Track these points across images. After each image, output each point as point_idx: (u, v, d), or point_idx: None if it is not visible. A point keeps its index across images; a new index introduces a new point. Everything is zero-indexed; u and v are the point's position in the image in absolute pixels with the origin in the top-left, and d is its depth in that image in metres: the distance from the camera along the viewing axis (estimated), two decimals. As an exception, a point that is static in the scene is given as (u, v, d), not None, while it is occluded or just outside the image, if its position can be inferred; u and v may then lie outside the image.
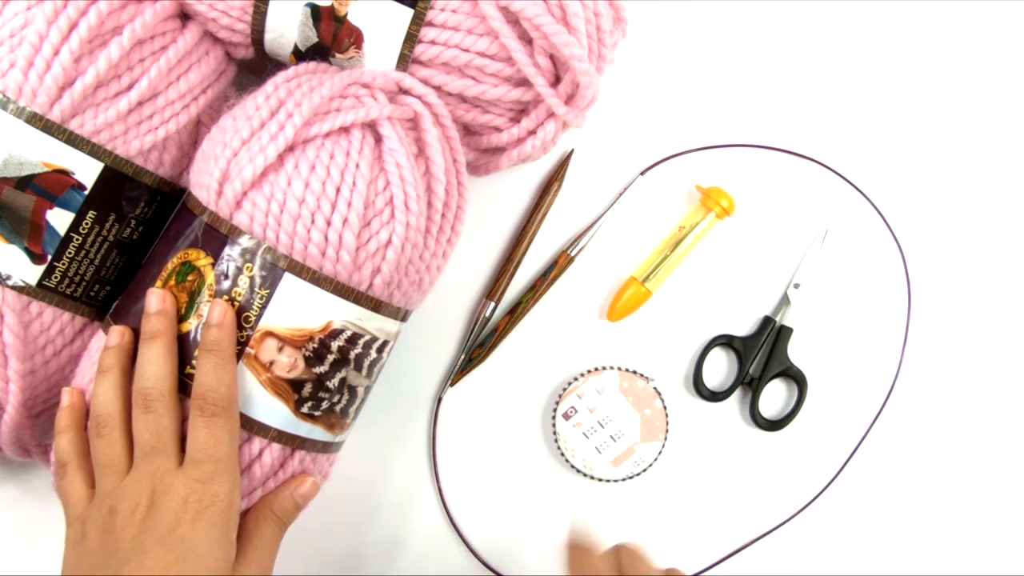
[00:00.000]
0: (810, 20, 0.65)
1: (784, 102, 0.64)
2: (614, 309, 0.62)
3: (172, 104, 0.52)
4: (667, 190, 0.64)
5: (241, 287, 0.47)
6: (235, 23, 0.52)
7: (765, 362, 0.63)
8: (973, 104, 0.65)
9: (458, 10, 0.50)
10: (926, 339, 0.64)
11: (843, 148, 0.64)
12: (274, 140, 0.47)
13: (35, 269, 0.50)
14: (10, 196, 0.48)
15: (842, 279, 0.64)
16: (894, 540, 0.64)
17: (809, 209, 0.64)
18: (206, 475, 0.45)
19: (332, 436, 0.52)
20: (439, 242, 0.52)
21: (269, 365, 0.48)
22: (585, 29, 0.50)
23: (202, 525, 0.45)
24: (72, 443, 0.49)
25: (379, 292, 0.49)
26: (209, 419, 0.46)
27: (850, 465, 0.64)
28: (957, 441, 0.65)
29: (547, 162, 0.63)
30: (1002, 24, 0.65)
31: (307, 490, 0.50)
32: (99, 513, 0.46)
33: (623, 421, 0.61)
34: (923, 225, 0.65)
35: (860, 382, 0.64)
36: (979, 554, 0.64)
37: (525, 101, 0.53)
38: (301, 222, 0.47)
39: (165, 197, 0.54)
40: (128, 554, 0.44)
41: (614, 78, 0.62)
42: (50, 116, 0.48)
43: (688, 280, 0.63)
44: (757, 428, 0.63)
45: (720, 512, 0.63)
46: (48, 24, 0.47)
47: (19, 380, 0.50)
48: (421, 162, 0.50)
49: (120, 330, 0.49)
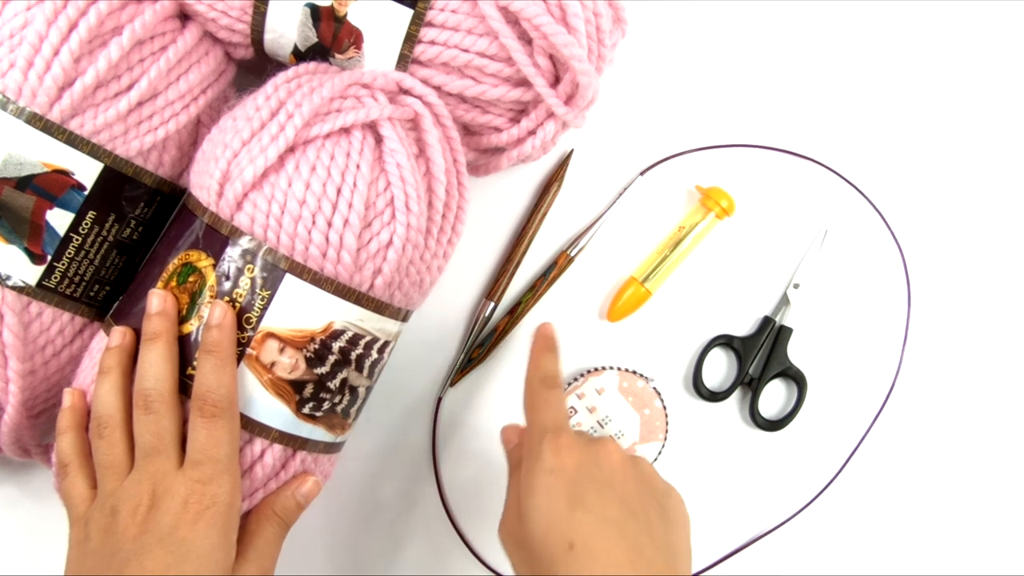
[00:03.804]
0: (810, 20, 0.65)
1: (784, 102, 0.64)
2: (614, 309, 0.63)
3: (172, 104, 0.52)
4: (667, 190, 0.64)
5: (242, 288, 0.47)
6: (235, 23, 0.52)
7: (765, 362, 0.63)
8: (973, 104, 0.65)
9: (458, 10, 0.50)
10: (926, 339, 0.64)
11: (843, 148, 0.64)
12: (274, 141, 0.47)
13: (35, 269, 0.50)
14: (10, 196, 0.48)
15: (842, 279, 0.64)
16: (894, 540, 0.64)
17: (809, 209, 0.64)
18: (206, 476, 0.45)
19: (333, 436, 0.52)
20: (440, 242, 0.52)
21: (270, 366, 0.48)
22: (585, 29, 0.50)
23: (202, 526, 0.45)
24: (73, 444, 0.49)
25: (380, 293, 0.49)
26: (209, 420, 0.46)
27: (850, 465, 0.64)
28: (957, 441, 0.65)
29: (547, 162, 0.63)
30: (1002, 24, 0.65)
31: (309, 490, 0.50)
32: (101, 514, 0.46)
33: (623, 421, 0.61)
34: (923, 225, 0.65)
35: (860, 382, 0.64)
36: (979, 554, 0.65)
37: (525, 101, 0.53)
38: (302, 223, 0.47)
39: (165, 197, 0.54)
40: (129, 555, 0.44)
41: (614, 78, 0.62)
42: (50, 116, 0.48)
43: (688, 280, 0.63)
44: (757, 428, 0.63)
45: (720, 512, 0.64)
46: (48, 24, 0.47)
47: (19, 380, 0.50)
48: (422, 162, 0.50)
49: (121, 331, 0.49)
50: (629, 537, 0.44)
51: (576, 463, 0.46)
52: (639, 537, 0.45)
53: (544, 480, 0.46)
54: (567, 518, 0.45)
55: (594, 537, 0.44)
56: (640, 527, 0.45)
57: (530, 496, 0.46)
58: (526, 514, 0.46)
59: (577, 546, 0.44)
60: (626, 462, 0.48)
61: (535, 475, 0.47)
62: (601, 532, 0.44)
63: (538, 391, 0.51)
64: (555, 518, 0.45)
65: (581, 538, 0.44)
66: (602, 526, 0.44)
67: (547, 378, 0.52)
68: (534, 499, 0.46)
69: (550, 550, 0.44)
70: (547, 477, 0.46)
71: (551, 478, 0.46)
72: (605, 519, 0.45)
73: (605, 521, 0.45)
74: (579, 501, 0.45)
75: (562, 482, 0.46)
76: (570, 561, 0.43)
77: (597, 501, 0.45)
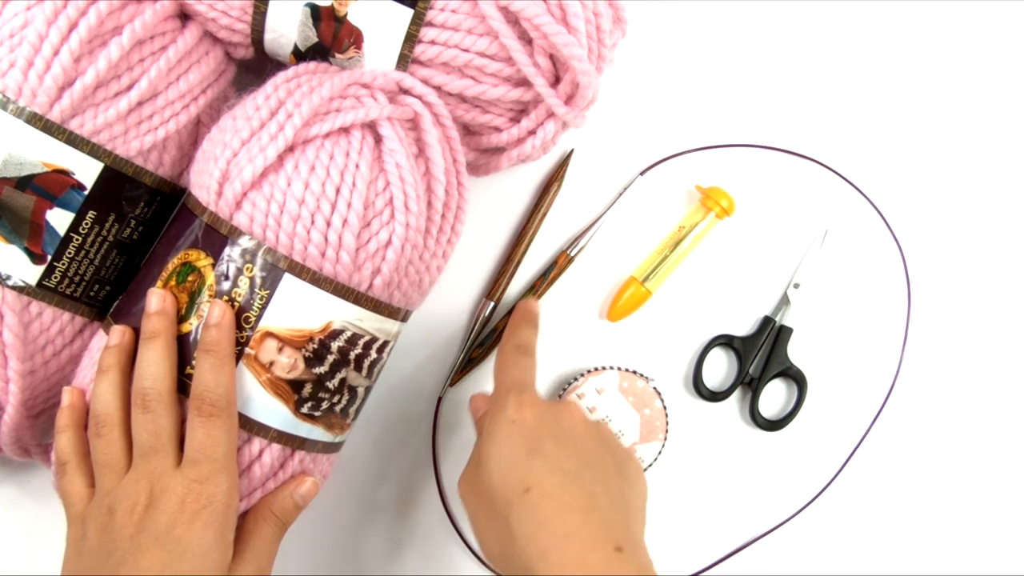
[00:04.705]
0: (810, 20, 0.64)
1: (784, 102, 0.64)
2: (614, 309, 0.63)
3: (172, 104, 0.52)
4: (667, 190, 0.64)
5: (241, 288, 0.47)
6: (235, 23, 0.52)
7: (765, 362, 0.63)
8: (972, 104, 0.65)
9: (458, 10, 0.50)
10: (926, 339, 0.64)
11: (843, 148, 0.64)
12: (274, 141, 0.47)
13: (35, 269, 0.50)
14: (10, 196, 0.48)
15: (842, 279, 0.64)
16: (894, 540, 0.64)
17: (809, 209, 0.64)
18: (203, 475, 0.45)
19: (332, 436, 0.52)
20: (439, 242, 0.52)
21: (269, 366, 0.48)
22: (585, 29, 0.50)
23: (199, 525, 0.45)
24: (72, 442, 0.49)
25: (379, 293, 0.49)
26: (207, 419, 0.46)
27: (850, 465, 0.64)
28: (957, 441, 0.65)
29: (547, 162, 0.63)
30: (1001, 25, 0.65)
31: (307, 490, 0.50)
32: (98, 512, 0.46)
33: (623, 421, 0.61)
34: (923, 225, 0.65)
35: (860, 382, 0.64)
36: (979, 554, 0.64)
37: (525, 101, 0.53)
38: (301, 223, 0.47)
39: (165, 197, 0.54)
40: (125, 554, 0.44)
41: (614, 78, 0.62)
42: (50, 116, 0.48)
43: (688, 280, 0.63)
44: (757, 428, 0.63)
45: (720, 512, 0.63)
46: (48, 24, 0.47)
47: (19, 380, 0.50)
48: (421, 162, 0.50)
49: (120, 330, 0.49)
50: (584, 485, 0.46)
51: (537, 417, 0.48)
52: (594, 486, 0.46)
53: (505, 428, 0.48)
54: (524, 464, 0.46)
55: (549, 482, 0.46)
56: (596, 477, 0.47)
57: (491, 444, 0.48)
58: (485, 462, 0.48)
59: (533, 490, 0.45)
60: (588, 423, 0.50)
61: (497, 424, 0.49)
62: (556, 478, 0.46)
63: (510, 354, 0.54)
64: (513, 464, 0.47)
65: (537, 482, 0.45)
66: (557, 473, 0.46)
67: (521, 345, 0.54)
68: (494, 447, 0.48)
69: (506, 494, 0.46)
70: (508, 426, 0.48)
71: (512, 427, 0.48)
72: (561, 467, 0.46)
73: (561, 469, 0.46)
74: (537, 450, 0.47)
75: (522, 432, 0.48)
76: (525, 504, 0.45)
77: (555, 451, 0.47)
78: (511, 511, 0.45)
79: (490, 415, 0.50)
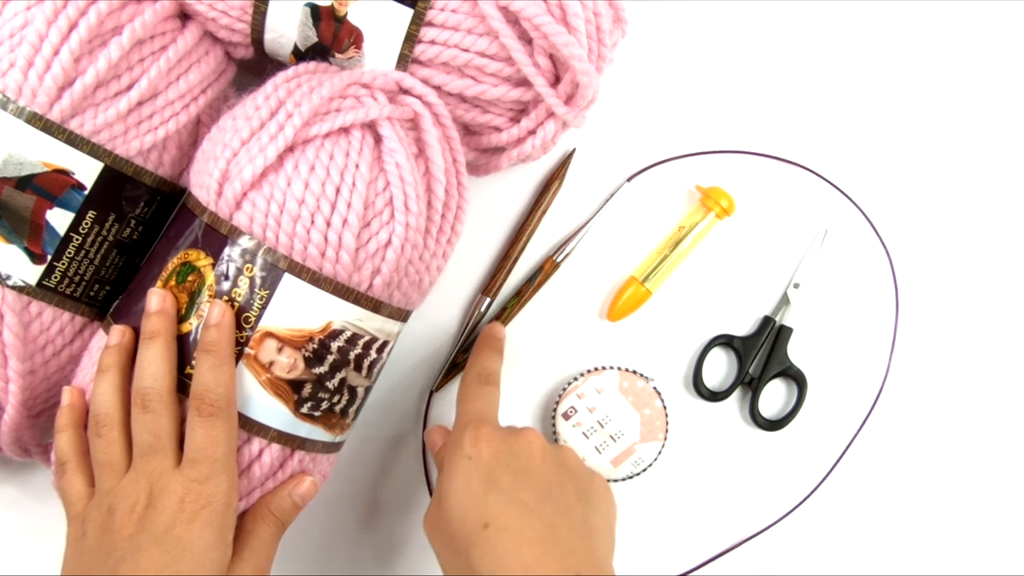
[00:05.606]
0: (810, 20, 0.64)
1: (784, 103, 0.64)
2: (614, 309, 0.62)
3: (172, 104, 0.52)
4: (667, 190, 0.64)
5: (241, 288, 0.47)
6: (235, 23, 0.52)
7: (765, 362, 0.63)
8: (968, 112, 0.65)
9: (458, 10, 0.50)
10: (926, 339, 0.64)
11: (842, 154, 0.64)
12: (274, 140, 0.47)
13: (35, 269, 0.50)
14: (10, 196, 0.48)
15: (843, 279, 0.64)
16: (893, 539, 0.64)
17: (809, 210, 0.64)
18: (203, 475, 0.45)
19: (332, 436, 0.52)
20: (439, 242, 0.52)
21: (269, 366, 0.48)
22: (585, 29, 0.50)
23: (198, 525, 0.45)
24: (71, 442, 0.49)
25: (379, 292, 0.49)
26: (207, 419, 0.46)
27: (849, 464, 0.64)
28: (956, 440, 0.64)
29: (547, 162, 0.63)
30: (991, 35, 0.65)
31: (306, 490, 0.50)
32: (98, 512, 0.46)
33: (623, 421, 0.61)
34: (918, 226, 0.65)
35: (860, 382, 0.64)
36: (977, 553, 0.64)
37: (525, 101, 0.53)
38: (301, 223, 0.47)
39: (165, 197, 0.54)
40: (125, 553, 0.44)
41: (614, 78, 0.62)
42: (50, 116, 0.48)
43: (688, 280, 0.63)
44: (757, 428, 0.63)
45: (720, 512, 0.63)
46: (48, 24, 0.47)
47: (19, 380, 0.50)
48: (421, 162, 0.50)
49: (120, 329, 0.49)
50: (543, 517, 0.46)
51: (493, 452, 0.49)
52: (553, 517, 0.46)
53: (462, 465, 0.48)
54: (482, 500, 0.47)
55: (507, 517, 0.46)
56: (555, 508, 0.47)
57: (449, 481, 0.48)
58: (445, 499, 0.48)
59: (491, 526, 0.46)
60: (546, 450, 0.50)
61: (454, 461, 0.49)
62: (514, 512, 0.46)
63: (471, 385, 0.54)
64: (471, 500, 0.47)
65: (495, 518, 0.46)
66: (515, 507, 0.46)
67: (483, 374, 0.55)
68: (452, 484, 0.48)
69: (466, 532, 0.46)
70: (465, 462, 0.48)
71: (469, 463, 0.48)
72: (518, 501, 0.47)
73: (518, 503, 0.47)
74: (494, 484, 0.47)
75: (479, 468, 0.48)
76: (484, 541, 0.45)
77: (511, 485, 0.47)
78: (472, 548, 0.45)
79: (448, 451, 0.51)
